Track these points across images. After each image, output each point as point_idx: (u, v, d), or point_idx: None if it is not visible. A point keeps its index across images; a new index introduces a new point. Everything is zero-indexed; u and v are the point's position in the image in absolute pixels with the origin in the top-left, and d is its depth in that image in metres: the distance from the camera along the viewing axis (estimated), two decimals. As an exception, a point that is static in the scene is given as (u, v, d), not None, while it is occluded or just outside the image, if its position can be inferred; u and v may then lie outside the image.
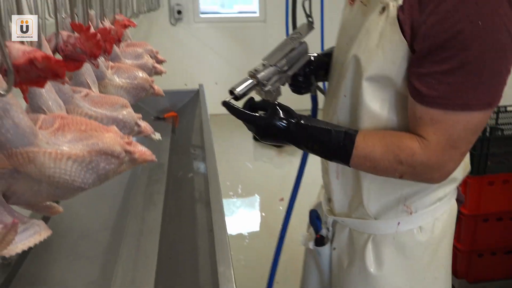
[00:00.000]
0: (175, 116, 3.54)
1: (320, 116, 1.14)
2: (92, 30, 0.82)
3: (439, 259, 1.11)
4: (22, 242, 0.60)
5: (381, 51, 0.89)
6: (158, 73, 1.49)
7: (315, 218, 1.23)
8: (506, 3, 0.81)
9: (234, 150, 4.70)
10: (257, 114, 0.97)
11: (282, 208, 3.30)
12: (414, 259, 1.08)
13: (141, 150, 0.74)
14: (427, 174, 0.93)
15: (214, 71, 5.67)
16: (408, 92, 0.89)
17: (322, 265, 1.25)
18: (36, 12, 0.90)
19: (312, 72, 1.21)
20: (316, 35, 3.11)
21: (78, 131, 0.64)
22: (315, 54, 1.23)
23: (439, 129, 0.87)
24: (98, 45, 0.83)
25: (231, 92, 0.99)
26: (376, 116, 0.96)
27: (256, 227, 3.33)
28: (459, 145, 0.88)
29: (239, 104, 0.99)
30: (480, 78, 0.82)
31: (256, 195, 3.72)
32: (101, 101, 0.86)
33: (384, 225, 1.07)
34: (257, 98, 1.06)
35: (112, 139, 0.66)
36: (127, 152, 0.70)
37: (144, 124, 0.95)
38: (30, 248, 0.63)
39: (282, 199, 3.31)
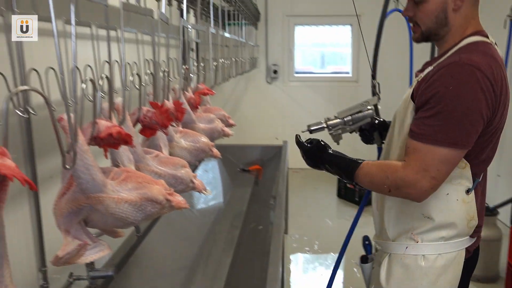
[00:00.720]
0: (259, 169, 3.77)
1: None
2: (164, 106, 1.08)
3: (438, 287, 1.36)
4: (90, 256, 0.88)
5: (403, 111, 1.36)
6: (226, 135, 1.74)
7: (365, 241, 1.66)
8: (475, 80, 1.19)
9: (316, 205, 4.76)
10: (305, 143, 1.49)
11: (357, 270, 3.23)
12: (415, 280, 1.38)
13: (178, 200, 1.00)
14: (405, 188, 1.27)
15: (304, 127, 5.88)
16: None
17: (365, 280, 1.64)
18: (125, 91, 1.16)
19: (374, 130, 1.70)
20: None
21: (136, 182, 0.93)
22: (382, 119, 1.70)
23: (417, 156, 1.25)
24: (168, 118, 1.10)
25: (308, 126, 1.66)
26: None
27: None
28: (429, 170, 1.23)
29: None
30: (448, 124, 1.21)
31: (331, 253, 3.68)
32: (166, 161, 1.14)
33: (397, 246, 1.42)
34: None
35: (158, 190, 0.94)
36: (168, 200, 0.96)
37: (197, 182, 1.20)
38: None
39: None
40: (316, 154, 1.44)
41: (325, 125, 1.65)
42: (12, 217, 1.51)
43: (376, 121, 1.68)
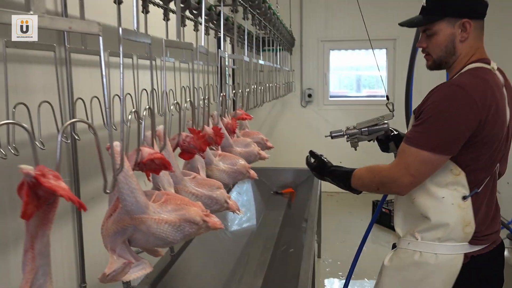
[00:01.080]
0: (292, 192, 3.80)
1: None
2: (202, 132, 1.16)
3: (429, 284, 1.54)
4: (134, 273, 0.96)
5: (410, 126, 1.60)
6: (262, 158, 1.81)
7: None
8: (457, 97, 1.40)
9: (350, 230, 4.69)
10: (311, 161, 1.84)
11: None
12: (409, 271, 1.58)
13: (214, 221, 1.07)
14: (388, 184, 1.52)
15: (338, 150, 5.87)
16: None
17: None
18: (166, 119, 1.25)
19: (390, 141, 1.93)
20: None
21: (175, 204, 1.01)
22: (397, 132, 1.93)
23: (401, 156, 1.50)
24: (205, 143, 1.18)
25: (330, 133, 1.98)
26: None
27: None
28: (409, 168, 1.46)
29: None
30: (430, 131, 1.44)
31: (365, 279, 3.61)
32: (203, 183, 1.20)
33: (402, 241, 1.62)
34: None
35: (195, 211, 1.01)
36: (204, 221, 1.03)
37: (231, 202, 1.28)
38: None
39: None
40: (320, 168, 1.78)
41: (343, 133, 1.96)
42: (57, 236, 1.62)
43: (391, 133, 1.93)
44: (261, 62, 3.10)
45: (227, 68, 3.58)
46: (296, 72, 6.05)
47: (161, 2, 1.48)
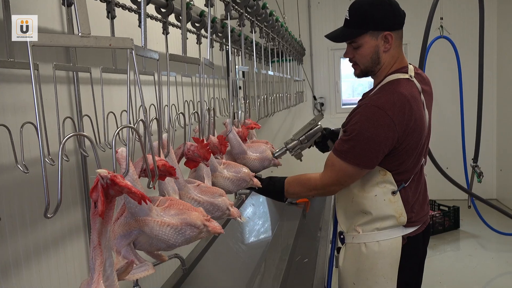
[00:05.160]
0: (306, 202, 3.76)
1: None
2: (205, 141, 1.19)
3: (378, 269, 1.71)
4: (137, 274, 1.00)
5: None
6: (276, 165, 1.85)
7: (340, 236, 1.89)
8: (376, 118, 1.57)
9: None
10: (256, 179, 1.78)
11: None
12: (360, 263, 1.74)
13: (214, 225, 1.10)
14: (322, 191, 1.74)
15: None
16: None
17: None
18: (171, 129, 1.27)
19: (326, 140, 2.05)
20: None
21: (178, 209, 1.05)
22: (331, 129, 2.06)
23: (332, 169, 1.69)
24: (208, 152, 1.20)
25: (272, 154, 1.91)
26: None
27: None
28: (340, 181, 1.69)
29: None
30: (355, 149, 1.61)
31: None
32: (206, 190, 1.27)
33: (348, 236, 1.81)
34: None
35: (196, 216, 1.05)
36: (205, 225, 1.07)
37: (233, 209, 1.33)
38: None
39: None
40: (263, 192, 1.85)
41: (286, 149, 1.99)
42: (69, 252, 1.63)
43: (325, 132, 2.06)
44: (270, 73, 3.11)
45: (236, 80, 3.61)
46: (307, 82, 6.05)
47: (159, 16, 1.49)
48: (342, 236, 1.88)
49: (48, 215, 0.78)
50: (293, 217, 3.37)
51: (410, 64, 1.77)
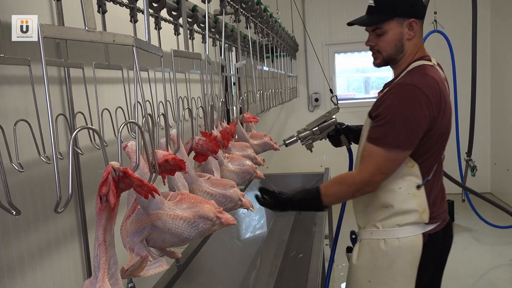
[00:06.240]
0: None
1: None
2: (213, 135, 1.21)
3: (397, 267, 1.64)
4: (151, 270, 1.01)
5: (365, 124, 1.71)
6: (275, 149, 1.98)
7: (351, 235, 1.88)
8: (414, 96, 1.51)
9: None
10: (266, 198, 1.72)
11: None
12: (378, 260, 1.67)
13: (227, 217, 1.10)
14: (365, 188, 1.61)
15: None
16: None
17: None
18: (179, 124, 1.27)
19: (340, 134, 1.99)
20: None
21: (190, 202, 1.05)
22: (346, 125, 2.01)
23: (371, 158, 1.58)
24: (217, 145, 1.23)
25: (284, 141, 1.95)
26: None
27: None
28: (380, 168, 1.57)
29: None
30: (393, 131, 1.54)
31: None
32: (217, 183, 1.30)
33: (364, 232, 1.73)
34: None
35: (209, 208, 1.05)
36: (218, 217, 1.07)
37: (245, 200, 1.36)
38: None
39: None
40: (281, 204, 1.70)
41: (297, 138, 1.94)
42: (64, 255, 1.62)
43: (340, 126, 1.99)
44: (265, 68, 3.10)
45: (232, 77, 3.59)
46: (302, 77, 6.04)
47: (151, 11, 1.48)
48: (353, 236, 1.81)
49: (59, 210, 0.78)
50: (288, 213, 3.37)
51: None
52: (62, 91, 1.57)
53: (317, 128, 1.94)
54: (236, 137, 1.78)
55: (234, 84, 4.30)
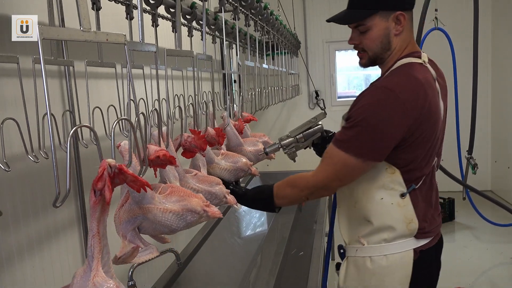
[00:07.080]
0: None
1: None
2: (202, 133, 1.25)
3: (386, 286, 1.47)
4: (142, 257, 1.06)
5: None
6: (269, 158, 1.90)
7: (339, 250, 1.68)
8: (387, 100, 1.33)
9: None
10: (233, 187, 1.61)
11: None
12: (365, 280, 1.50)
13: (213, 211, 1.15)
14: (318, 192, 1.48)
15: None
16: None
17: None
18: (169, 122, 1.29)
19: (326, 143, 1.74)
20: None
21: (179, 196, 1.11)
22: (333, 132, 1.79)
23: (330, 162, 1.43)
24: (205, 143, 1.26)
25: (264, 149, 1.76)
26: None
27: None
28: (337, 174, 1.42)
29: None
30: (360, 137, 1.36)
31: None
32: (203, 180, 1.34)
33: (350, 249, 1.56)
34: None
35: (197, 202, 1.11)
36: (205, 211, 1.12)
37: (229, 197, 1.39)
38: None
39: None
40: (238, 200, 1.54)
41: (279, 146, 1.76)
42: (63, 247, 1.62)
43: (326, 134, 1.80)
44: (265, 66, 3.09)
45: (232, 75, 3.59)
46: (302, 75, 6.03)
47: (148, 8, 1.48)
48: (342, 251, 1.65)
49: (57, 205, 0.81)
50: (288, 210, 3.37)
51: (423, 52, 1.55)
52: (62, 87, 1.57)
53: (301, 135, 1.74)
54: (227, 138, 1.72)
55: (234, 81, 4.30)
